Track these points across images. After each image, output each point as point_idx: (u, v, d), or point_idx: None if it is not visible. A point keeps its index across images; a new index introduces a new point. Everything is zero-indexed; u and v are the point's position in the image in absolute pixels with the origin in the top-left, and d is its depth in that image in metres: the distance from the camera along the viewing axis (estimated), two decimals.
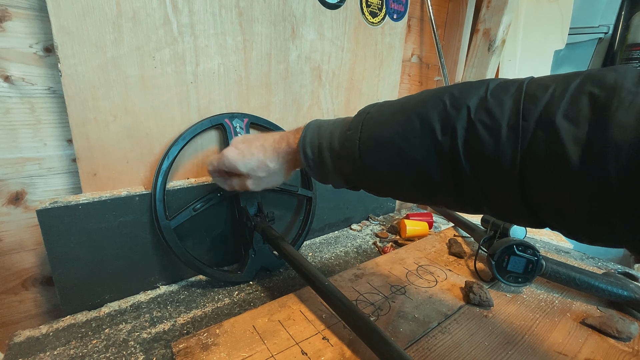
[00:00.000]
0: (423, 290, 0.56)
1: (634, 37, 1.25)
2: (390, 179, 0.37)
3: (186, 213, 0.57)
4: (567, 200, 0.26)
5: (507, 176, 0.28)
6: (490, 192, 0.30)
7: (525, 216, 0.30)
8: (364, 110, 0.39)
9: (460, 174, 0.30)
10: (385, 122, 0.36)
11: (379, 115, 0.37)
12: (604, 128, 0.23)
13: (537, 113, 0.26)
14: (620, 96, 0.23)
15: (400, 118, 0.35)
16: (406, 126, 0.33)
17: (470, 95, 0.30)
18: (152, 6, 0.52)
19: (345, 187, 0.44)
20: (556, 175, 0.25)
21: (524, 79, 0.29)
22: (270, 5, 0.64)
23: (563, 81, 0.26)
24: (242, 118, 0.64)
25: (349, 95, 0.83)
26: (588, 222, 0.26)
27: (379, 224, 0.92)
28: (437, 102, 0.32)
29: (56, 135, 0.53)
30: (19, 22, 0.48)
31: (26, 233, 0.54)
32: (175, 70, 0.56)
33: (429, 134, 0.31)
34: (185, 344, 0.43)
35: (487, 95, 0.29)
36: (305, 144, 0.42)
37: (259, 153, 0.47)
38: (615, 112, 0.23)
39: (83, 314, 0.51)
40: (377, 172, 0.37)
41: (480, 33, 1.01)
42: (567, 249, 0.77)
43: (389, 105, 0.37)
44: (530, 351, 0.44)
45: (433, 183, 0.33)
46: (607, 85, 0.24)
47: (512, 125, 0.27)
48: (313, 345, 0.43)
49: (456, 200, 0.33)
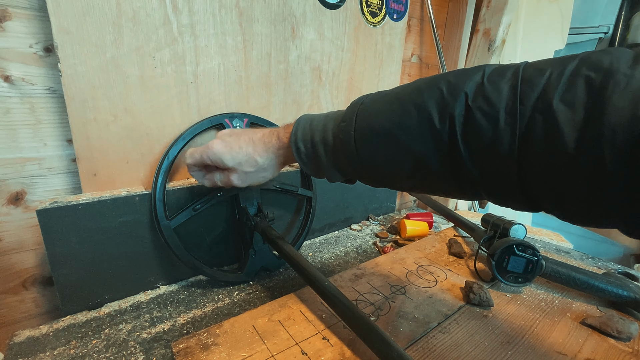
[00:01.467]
0: (423, 290, 0.56)
1: (634, 37, 1.25)
2: (388, 169, 0.36)
3: (186, 213, 0.57)
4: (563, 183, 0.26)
5: (505, 161, 0.28)
6: (488, 178, 0.30)
7: (521, 200, 0.30)
8: (358, 100, 0.39)
9: (458, 161, 0.31)
10: (380, 112, 0.35)
11: (374, 105, 0.37)
12: (600, 111, 0.23)
13: (534, 97, 0.26)
14: (615, 79, 0.23)
15: (395, 107, 0.34)
16: (402, 115, 0.33)
17: (467, 82, 0.30)
18: (152, 6, 0.52)
19: (341, 180, 0.43)
20: (553, 159, 0.25)
21: (519, 64, 0.29)
22: (270, 5, 0.64)
23: (559, 65, 0.26)
24: (242, 118, 0.64)
25: (349, 95, 0.83)
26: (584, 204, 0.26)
27: (379, 224, 0.92)
28: (434, 90, 0.32)
29: (56, 135, 0.53)
30: (19, 22, 0.48)
31: (26, 233, 0.54)
32: (175, 70, 0.56)
33: (427, 122, 0.31)
34: (185, 344, 0.43)
35: (483, 81, 0.29)
36: (297, 138, 0.41)
37: (248, 147, 0.45)
38: (611, 95, 0.23)
39: (83, 314, 0.51)
40: (374, 163, 0.37)
41: (480, 33, 1.01)
42: (567, 249, 0.77)
43: (383, 95, 0.37)
44: (530, 351, 0.44)
45: (431, 171, 0.33)
46: (603, 69, 0.24)
47: (510, 110, 0.27)
48: (313, 345, 0.43)
49: (454, 187, 0.33)
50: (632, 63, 0.23)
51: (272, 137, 0.45)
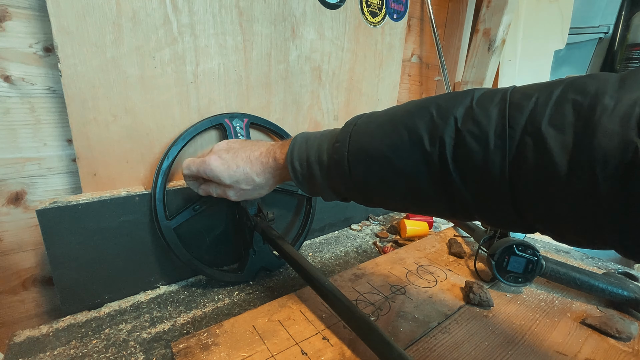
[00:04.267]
0: (423, 290, 0.56)
1: (634, 37, 1.25)
2: (380, 191, 0.37)
3: (186, 213, 0.57)
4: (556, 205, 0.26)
5: (497, 183, 0.28)
6: (480, 200, 0.30)
7: (515, 222, 0.30)
8: (351, 121, 0.39)
9: (450, 184, 0.31)
10: (373, 133, 0.36)
11: (366, 127, 0.37)
12: (590, 134, 0.23)
13: (522, 121, 0.26)
14: (602, 102, 0.23)
15: (387, 129, 0.35)
16: (394, 137, 0.34)
17: (457, 106, 0.30)
18: (152, 6, 0.52)
19: (336, 200, 0.44)
20: (545, 181, 0.25)
21: (507, 88, 0.30)
22: (270, 5, 0.64)
23: (545, 89, 0.27)
24: (242, 118, 0.64)
25: (349, 95, 0.83)
26: (577, 227, 0.26)
27: (379, 224, 0.92)
28: (424, 113, 0.32)
29: (56, 135, 0.53)
30: (18, 22, 0.48)
31: (26, 233, 0.54)
32: (175, 70, 0.56)
33: (418, 144, 0.32)
34: (185, 344, 0.43)
35: (472, 104, 0.30)
36: (294, 158, 0.42)
37: (245, 166, 0.45)
38: (600, 118, 0.23)
39: (83, 314, 0.51)
40: (366, 184, 0.37)
41: (480, 33, 1.01)
42: (567, 249, 0.77)
43: (376, 117, 0.37)
44: (530, 351, 0.44)
45: (423, 193, 0.33)
46: (589, 93, 0.24)
47: (500, 133, 0.27)
48: (313, 345, 0.43)
49: (447, 209, 0.33)
50: (618, 87, 0.23)
51: (269, 157, 0.45)
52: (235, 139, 0.51)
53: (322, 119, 0.79)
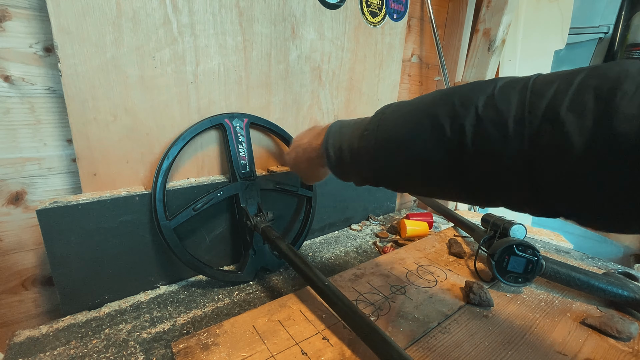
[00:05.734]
0: (423, 290, 0.56)
1: (634, 37, 1.25)
2: (406, 176, 0.39)
3: (186, 213, 0.57)
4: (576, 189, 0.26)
5: (516, 169, 0.28)
6: (501, 186, 0.31)
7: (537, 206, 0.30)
8: (380, 110, 0.41)
9: (470, 170, 0.31)
10: (399, 122, 0.37)
11: (393, 116, 0.39)
12: (609, 118, 0.23)
13: (542, 107, 0.27)
14: (623, 87, 0.23)
15: (412, 118, 0.36)
16: (418, 125, 0.35)
17: (479, 94, 0.31)
18: (152, 6, 0.52)
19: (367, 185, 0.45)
20: (562, 166, 0.26)
21: (530, 76, 0.30)
22: (270, 5, 0.64)
23: (567, 76, 0.27)
24: (242, 118, 0.64)
25: (349, 95, 0.83)
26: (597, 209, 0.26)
27: (379, 224, 0.92)
28: (446, 102, 0.33)
29: (56, 135, 0.53)
30: (19, 22, 0.48)
31: (26, 233, 0.54)
32: (175, 70, 0.56)
33: (439, 132, 0.33)
34: (185, 344, 0.43)
35: (494, 92, 0.30)
36: (329, 145, 0.45)
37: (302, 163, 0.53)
38: (620, 102, 0.23)
39: (83, 314, 0.51)
40: (392, 170, 0.39)
41: (480, 33, 1.01)
42: (567, 249, 0.77)
43: (403, 106, 0.39)
44: (530, 351, 0.44)
45: (445, 179, 0.34)
46: (611, 78, 0.24)
47: (518, 119, 0.28)
48: (313, 345, 0.43)
49: (469, 195, 0.34)
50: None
51: (310, 147, 0.51)
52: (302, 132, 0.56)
53: (322, 118, 0.79)
